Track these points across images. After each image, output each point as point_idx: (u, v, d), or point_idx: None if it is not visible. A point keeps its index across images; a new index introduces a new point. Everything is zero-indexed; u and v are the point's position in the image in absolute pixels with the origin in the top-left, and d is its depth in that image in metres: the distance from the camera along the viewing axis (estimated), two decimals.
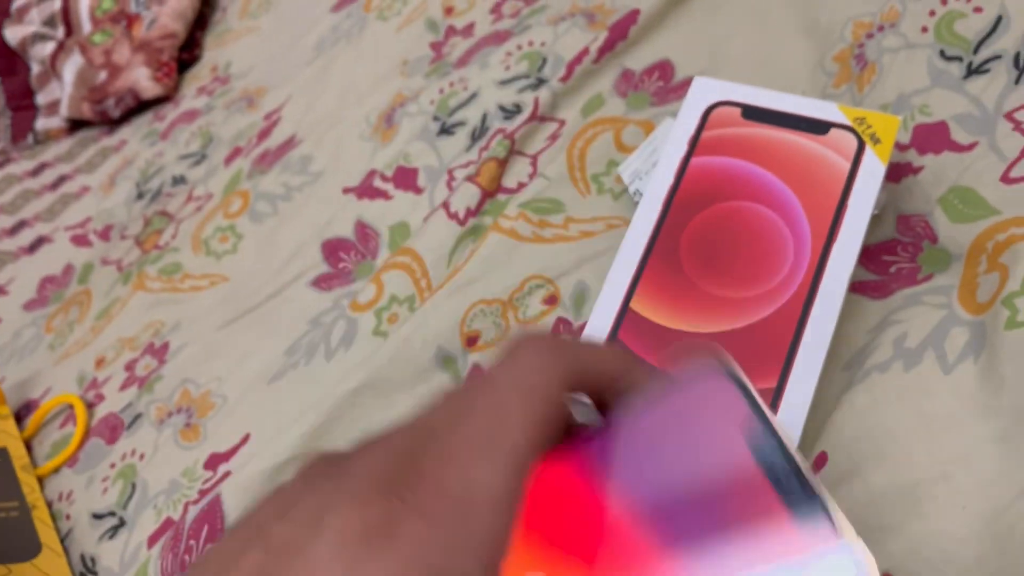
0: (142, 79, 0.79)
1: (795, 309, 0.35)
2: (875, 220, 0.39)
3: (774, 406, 0.33)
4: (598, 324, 0.37)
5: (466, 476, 0.20)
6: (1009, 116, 0.38)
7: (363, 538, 0.18)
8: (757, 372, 0.34)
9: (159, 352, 0.55)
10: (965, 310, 0.34)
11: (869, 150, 0.37)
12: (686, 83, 0.49)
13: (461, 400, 0.22)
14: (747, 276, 0.36)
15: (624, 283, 0.37)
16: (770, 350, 0.34)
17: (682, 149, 0.40)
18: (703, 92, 0.41)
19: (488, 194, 0.49)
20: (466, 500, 0.19)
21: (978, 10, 0.41)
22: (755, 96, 0.40)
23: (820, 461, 0.34)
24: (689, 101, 0.41)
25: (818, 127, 0.38)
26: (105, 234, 0.69)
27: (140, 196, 0.70)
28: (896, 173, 0.40)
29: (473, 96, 0.55)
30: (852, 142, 0.37)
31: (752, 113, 0.40)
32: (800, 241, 0.36)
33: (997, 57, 0.40)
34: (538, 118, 0.51)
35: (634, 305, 0.37)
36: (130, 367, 0.56)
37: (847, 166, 0.37)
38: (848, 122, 0.38)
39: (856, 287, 0.38)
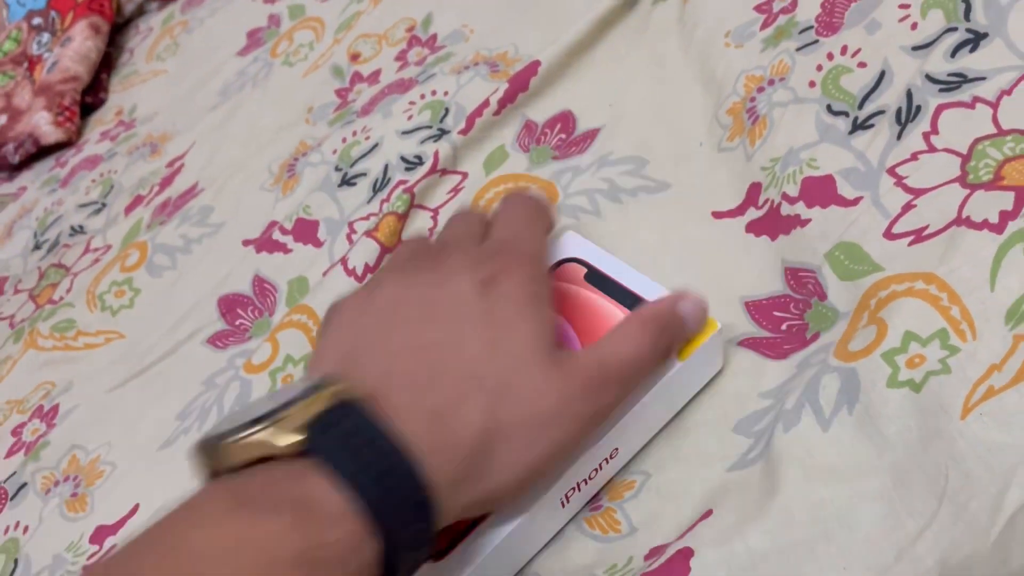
0: (43, 123, 0.76)
1: None
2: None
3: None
4: None
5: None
6: (891, 171, 0.38)
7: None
8: None
9: (48, 415, 0.53)
10: (836, 358, 0.34)
11: None
12: (587, 135, 0.49)
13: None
14: None
15: None
16: None
17: None
18: (567, 245, 0.40)
19: (387, 250, 0.47)
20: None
21: (862, 65, 0.42)
22: (602, 262, 0.39)
23: (705, 515, 0.34)
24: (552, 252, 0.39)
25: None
26: None
27: (37, 247, 0.67)
28: (785, 225, 0.40)
29: (376, 146, 0.54)
30: None
31: (593, 277, 0.38)
32: None
33: (880, 112, 0.40)
34: (439, 171, 0.50)
35: None
36: (17, 432, 0.53)
37: None
38: None
39: (750, 343, 0.38)
